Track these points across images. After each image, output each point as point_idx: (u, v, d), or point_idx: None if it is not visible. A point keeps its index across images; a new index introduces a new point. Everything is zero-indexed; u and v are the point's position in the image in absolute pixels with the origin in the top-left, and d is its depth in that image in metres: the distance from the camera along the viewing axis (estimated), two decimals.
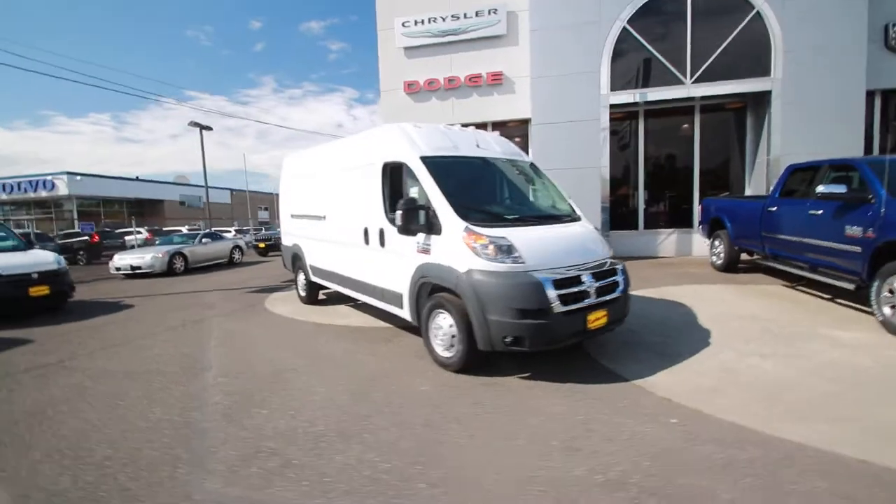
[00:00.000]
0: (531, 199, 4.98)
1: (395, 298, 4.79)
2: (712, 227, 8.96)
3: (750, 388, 3.48)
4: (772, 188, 7.46)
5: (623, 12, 10.58)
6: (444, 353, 4.16)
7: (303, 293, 7.51)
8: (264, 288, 9.54)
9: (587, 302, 3.82)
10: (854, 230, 5.22)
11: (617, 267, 4.27)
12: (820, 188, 5.62)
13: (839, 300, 6.03)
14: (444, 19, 11.79)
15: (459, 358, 3.97)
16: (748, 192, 11.15)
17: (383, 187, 4.87)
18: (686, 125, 11.38)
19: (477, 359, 3.94)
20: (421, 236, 4.27)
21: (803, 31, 9.76)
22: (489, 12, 11.55)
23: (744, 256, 8.43)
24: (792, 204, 6.60)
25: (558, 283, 3.70)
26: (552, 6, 10.89)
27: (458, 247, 3.90)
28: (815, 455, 2.53)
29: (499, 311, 3.63)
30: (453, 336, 4.01)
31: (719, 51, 10.27)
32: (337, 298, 7.43)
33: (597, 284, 3.92)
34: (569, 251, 4.06)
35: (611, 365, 4.07)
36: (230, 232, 25.36)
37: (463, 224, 3.95)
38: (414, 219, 4.15)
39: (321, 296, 7.40)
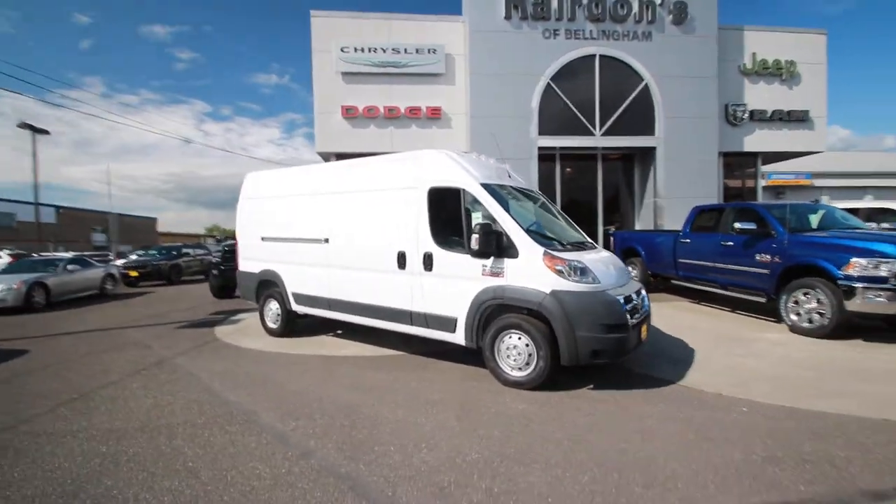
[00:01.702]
0: (560, 226, 5.48)
1: (445, 323, 4.75)
2: (625, 255, 10.66)
3: (757, 379, 4.39)
4: (683, 224, 9.32)
5: (548, 69, 12.24)
6: (515, 372, 4.29)
7: (273, 324, 6.72)
8: (193, 322, 8.17)
9: (640, 316, 4.42)
10: (764, 257, 6.91)
11: (641, 286, 4.99)
12: (737, 225, 7.32)
13: (739, 311, 7.77)
14: (384, 51, 12.04)
15: (537, 375, 4.15)
16: (637, 226, 13.55)
17: (430, 211, 4.87)
18: (592, 169, 13.43)
19: (551, 375, 4.18)
20: (490, 260, 4.40)
21: (676, 103, 12.56)
22: (429, 51, 12.19)
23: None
24: (703, 237, 8.36)
25: (625, 300, 4.22)
26: (489, 57, 12.04)
27: (539, 269, 4.16)
28: (823, 416, 3.40)
29: (587, 328, 3.98)
30: (530, 355, 4.20)
31: (620, 110, 12.54)
32: (310, 329, 6.83)
33: (637, 301, 4.56)
34: (616, 274, 4.63)
35: (648, 372, 4.68)
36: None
37: (541, 249, 4.23)
38: (490, 242, 4.28)
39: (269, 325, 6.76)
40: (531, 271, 4.20)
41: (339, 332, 6.88)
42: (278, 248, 6.54)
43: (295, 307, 6.40)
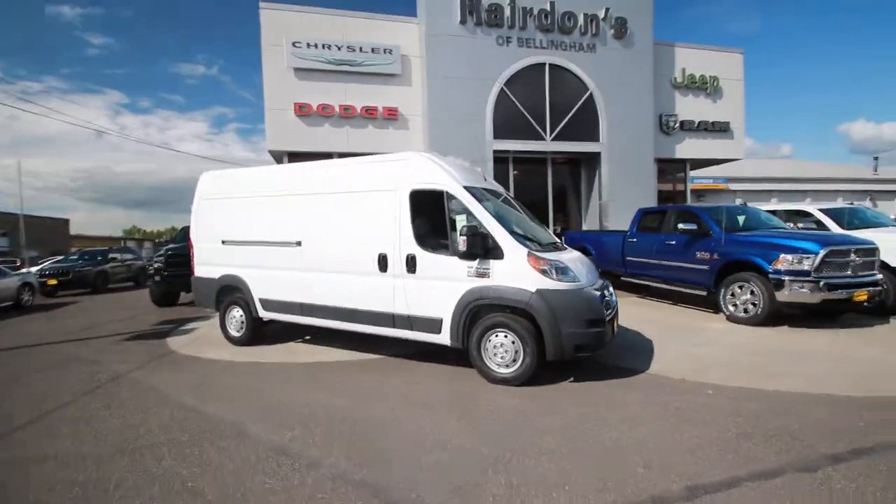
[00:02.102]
0: (534, 228, 5.70)
1: (430, 324, 4.80)
2: None
3: (713, 364, 4.89)
4: (629, 225, 10.02)
5: (501, 75, 12.61)
6: (502, 370, 4.44)
7: (236, 333, 6.38)
8: (139, 333, 7.53)
9: (612, 311, 4.75)
10: (703, 254, 7.63)
11: (608, 284, 5.35)
12: (681, 225, 8.02)
13: (681, 304, 8.51)
14: (339, 48, 11.78)
15: (524, 371, 4.33)
16: (584, 227, 14.34)
17: (412, 213, 4.90)
18: (542, 172, 14.02)
19: (536, 371, 4.38)
20: (475, 261, 4.51)
21: (617, 111, 13.45)
22: (385, 51, 12.10)
23: None
24: (649, 236, 9.05)
25: (600, 297, 4.53)
26: (446, 60, 12.18)
27: (524, 270, 4.34)
28: (778, 395, 3.90)
29: (571, 324, 4.22)
30: (517, 352, 4.37)
31: (568, 117, 13.21)
32: (276, 336, 6.57)
33: (608, 297, 4.90)
34: (588, 272, 4.93)
35: (617, 363, 5.02)
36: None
37: (525, 250, 4.42)
38: (477, 244, 4.40)
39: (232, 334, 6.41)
40: (517, 272, 4.37)
41: (308, 337, 6.68)
42: (242, 251, 6.22)
43: (262, 313, 6.13)
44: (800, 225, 8.71)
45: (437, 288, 4.74)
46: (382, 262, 5.02)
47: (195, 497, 2.61)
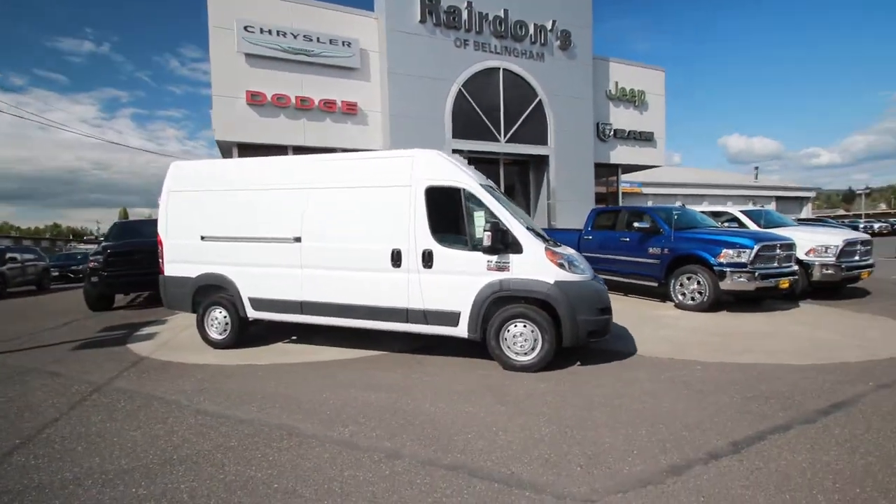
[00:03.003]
0: (532, 223, 6.02)
1: (447, 317, 4.93)
2: None
3: (686, 344, 5.62)
4: (584, 223, 10.85)
5: (459, 77, 12.92)
6: (521, 357, 4.73)
7: (219, 335, 5.95)
8: (89, 341, 6.70)
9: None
10: (655, 250, 8.57)
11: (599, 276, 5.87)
12: (636, 224, 8.90)
13: (632, 295, 9.47)
14: (294, 36, 11.28)
15: (543, 357, 4.66)
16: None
17: (428, 209, 4.98)
18: (495, 172, 14.58)
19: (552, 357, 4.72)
20: (495, 255, 4.73)
21: (563, 118, 14.42)
22: (343, 43, 11.81)
23: None
24: (604, 234, 9.92)
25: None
26: (406, 57, 12.19)
27: (543, 263, 4.66)
28: (754, 367, 4.67)
29: (587, 311, 4.63)
30: (536, 340, 4.67)
31: (520, 121, 13.89)
32: (256, 339, 6.25)
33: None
34: (587, 266, 5.39)
35: (608, 347, 5.53)
36: None
37: (542, 244, 4.75)
38: (499, 240, 4.62)
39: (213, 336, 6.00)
40: (537, 265, 4.67)
41: (294, 337, 6.44)
42: (227, 248, 5.83)
43: (252, 314, 5.80)
44: (725, 224, 10.12)
45: (455, 282, 4.89)
46: (396, 258, 5.04)
47: (291, 497, 2.54)
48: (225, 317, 5.92)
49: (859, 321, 6.68)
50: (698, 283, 7.75)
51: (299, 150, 11.58)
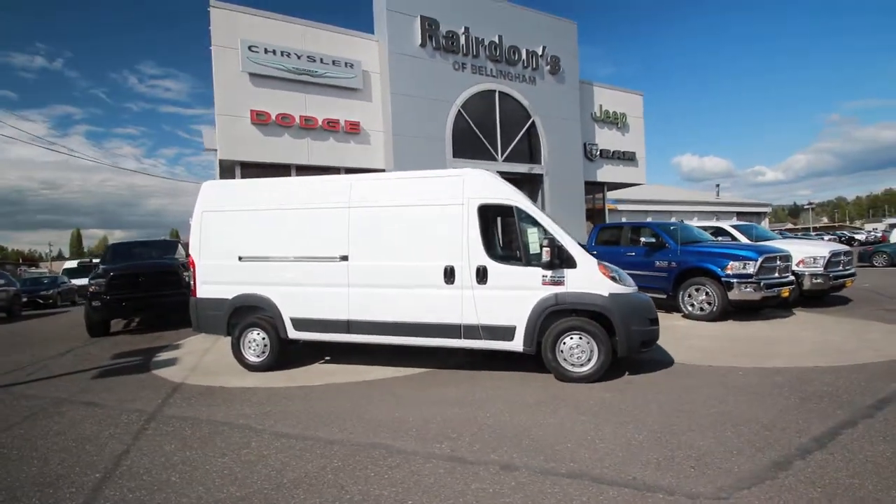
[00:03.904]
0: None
1: (503, 332, 5.04)
2: None
3: (716, 352, 5.94)
4: (588, 239, 11.26)
5: (458, 98, 13.29)
6: (577, 369, 4.88)
7: (256, 358, 5.81)
8: (101, 369, 6.36)
9: None
10: (662, 263, 9.02)
11: None
12: (643, 239, 9.35)
13: None
14: (298, 57, 11.34)
15: (599, 368, 4.83)
16: None
17: (481, 227, 5.13)
18: None
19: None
20: (550, 270, 4.91)
21: (554, 139, 15.02)
22: (346, 65, 11.96)
23: None
24: (609, 249, 10.33)
25: None
26: (408, 79, 12.46)
27: (598, 277, 4.87)
28: (789, 370, 5.01)
29: (639, 322, 4.86)
30: (591, 351, 4.85)
31: (515, 141, 14.37)
32: (291, 360, 6.13)
33: None
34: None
35: (651, 357, 5.74)
36: None
37: (595, 259, 4.97)
38: (556, 255, 4.81)
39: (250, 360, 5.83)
40: (591, 279, 4.88)
41: (328, 358, 6.36)
42: (267, 268, 5.76)
43: (294, 334, 5.71)
44: (719, 238, 10.76)
45: (510, 297, 5.02)
46: (449, 274, 5.14)
47: None
48: (263, 338, 5.79)
49: (855, 326, 7.24)
50: (707, 294, 8.19)
51: (303, 169, 11.53)
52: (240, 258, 5.85)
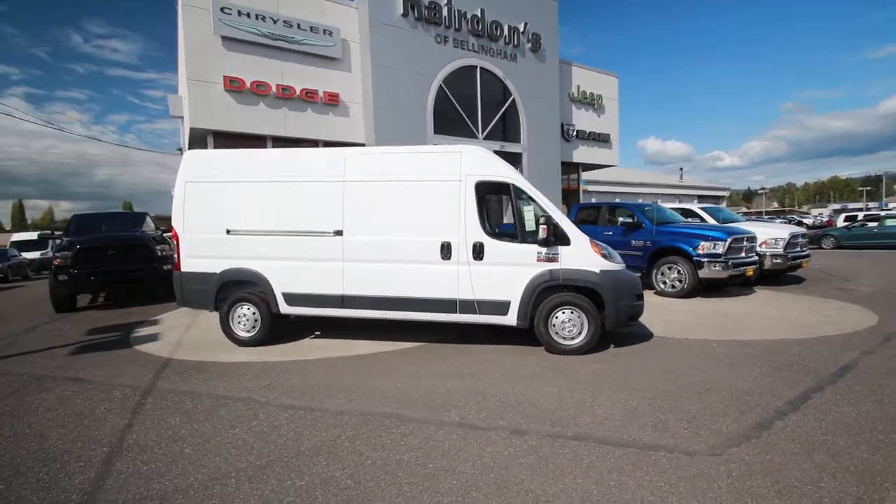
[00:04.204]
0: None
1: (498, 307, 5.18)
2: None
3: (692, 326, 6.33)
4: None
5: (439, 73, 13.07)
6: (568, 342, 5.11)
7: (246, 333, 5.73)
8: (76, 346, 6.10)
9: None
10: (638, 242, 9.40)
11: None
12: (621, 219, 9.68)
13: None
14: (274, 21, 10.80)
15: (589, 341, 5.07)
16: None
17: (478, 203, 5.18)
18: None
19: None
20: (545, 247, 5.06)
21: (534, 117, 15.09)
22: (325, 32, 11.49)
23: None
24: (587, 227, 10.51)
25: None
26: (390, 50, 12.11)
27: (589, 254, 5.07)
28: (759, 342, 5.44)
29: (627, 297, 5.11)
30: (582, 325, 5.07)
31: (496, 118, 14.35)
32: (280, 336, 6.10)
33: None
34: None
35: (629, 331, 6.09)
36: None
37: (586, 237, 5.14)
38: (552, 232, 4.95)
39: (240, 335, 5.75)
40: (584, 256, 5.07)
41: (318, 333, 6.35)
42: (257, 242, 5.63)
43: (285, 309, 5.65)
44: (689, 220, 11.27)
45: (506, 272, 5.15)
46: (446, 250, 5.20)
47: (455, 474, 2.69)
48: (254, 313, 5.71)
49: (812, 303, 7.85)
50: (678, 272, 8.64)
51: (279, 140, 11.14)
52: (228, 231, 5.68)
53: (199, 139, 11.04)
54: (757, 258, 9.00)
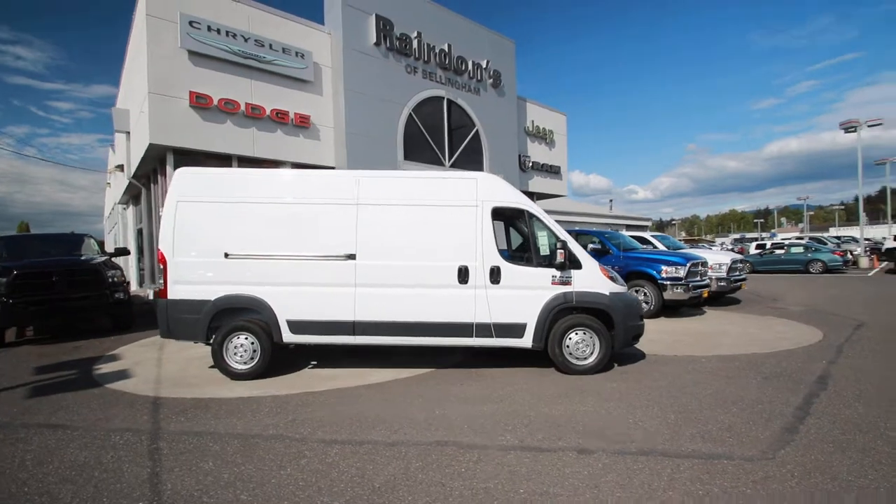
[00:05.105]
0: None
1: (514, 330, 5.27)
2: None
3: (674, 345, 6.85)
4: None
5: (409, 101, 13.32)
6: (580, 362, 5.30)
7: (243, 365, 5.29)
8: (33, 386, 5.26)
9: None
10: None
11: None
12: (590, 245, 10.23)
13: None
14: (245, 39, 10.48)
15: (601, 361, 5.30)
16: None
17: (494, 228, 5.32)
18: None
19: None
20: (559, 271, 5.27)
21: (495, 148, 15.77)
22: (297, 54, 11.32)
23: None
24: None
25: None
26: (362, 76, 12.17)
27: (600, 277, 5.36)
28: (737, 357, 6.03)
29: (633, 318, 5.44)
30: (593, 345, 5.30)
31: (461, 148, 14.79)
32: (278, 366, 5.76)
33: None
34: None
35: (625, 351, 6.43)
36: None
37: (596, 261, 5.45)
38: (568, 258, 5.18)
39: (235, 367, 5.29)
40: (594, 279, 5.35)
41: (314, 363, 6.03)
42: (260, 266, 5.31)
43: (289, 337, 5.32)
44: (643, 246, 12.25)
45: (522, 296, 5.29)
46: (463, 274, 5.24)
47: (548, 497, 2.69)
48: (252, 343, 5.30)
49: (760, 321, 8.81)
50: (645, 294, 9.32)
51: (247, 160, 10.63)
52: (226, 255, 5.29)
53: (155, 157, 10.22)
54: (709, 281, 9.97)
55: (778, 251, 21.21)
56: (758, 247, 23.56)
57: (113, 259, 9.02)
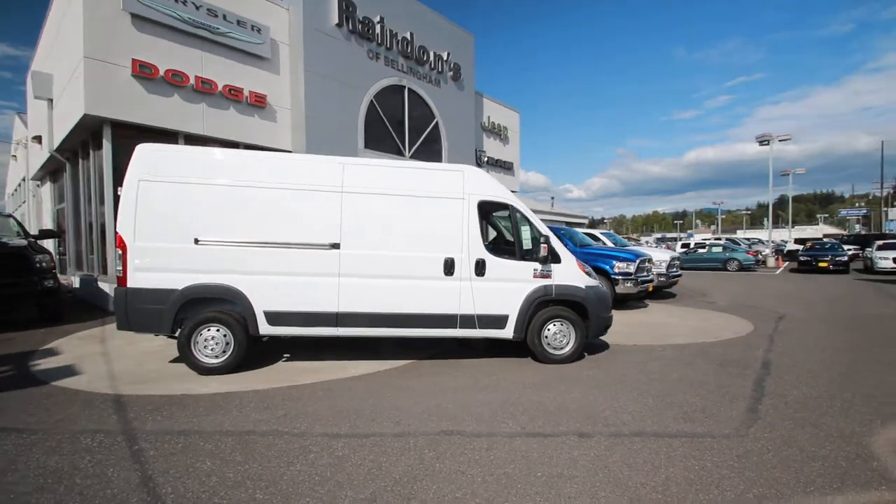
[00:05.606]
0: None
1: (496, 321, 5.40)
2: None
3: (632, 335, 7.38)
4: None
5: (371, 88, 12.99)
6: (557, 352, 5.57)
7: (214, 359, 4.98)
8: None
9: None
10: None
11: None
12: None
13: None
14: (197, 7, 9.66)
15: (576, 350, 5.60)
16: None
17: (480, 222, 5.40)
18: None
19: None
20: (541, 264, 5.47)
21: (453, 141, 15.85)
22: (252, 28, 10.62)
23: None
24: None
25: None
26: (323, 58, 11.67)
27: (576, 271, 5.64)
28: (689, 346, 6.66)
29: (605, 310, 5.79)
30: (569, 336, 5.58)
31: (421, 139, 14.70)
32: (249, 359, 5.50)
33: None
34: None
35: (590, 342, 6.84)
36: None
37: (573, 256, 5.71)
38: (551, 252, 5.39)
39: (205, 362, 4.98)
40: (572, 273, 5.62)
41: (287, 356, 5.81)
42: (235, 254, 5.00)
43: (266, 329, 5.07)
44: (595, 242, 12.96)
45: (506, 288, 5.43)
46: (449, 266, 5.28)
47: (567, 480, 2.83)
48: (225, 336, 4.99)
49: (699, 314, 9.70)
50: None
51: (195, 138, 9.83)
52: (196, 241, 4.91)
53: (87, 129, 9.14)
54: (654, 277, 10.80)
55: (701, 250, 23.37)
56: (683, 245, 25.79)
57: (39, 242, 7.98)
